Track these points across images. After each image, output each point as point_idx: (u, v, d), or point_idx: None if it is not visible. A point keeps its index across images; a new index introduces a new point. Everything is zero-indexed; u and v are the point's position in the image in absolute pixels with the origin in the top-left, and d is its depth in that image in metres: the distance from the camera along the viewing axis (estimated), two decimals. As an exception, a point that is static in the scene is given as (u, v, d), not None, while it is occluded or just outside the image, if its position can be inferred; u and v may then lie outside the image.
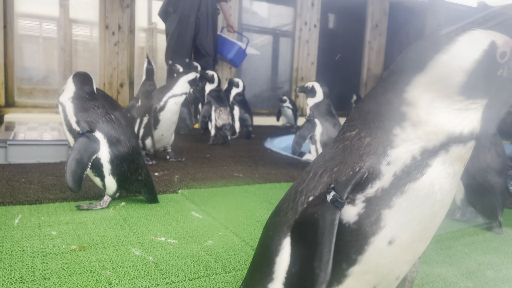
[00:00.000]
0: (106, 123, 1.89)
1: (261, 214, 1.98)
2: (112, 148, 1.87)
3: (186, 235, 1.66)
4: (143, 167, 1.98)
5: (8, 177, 2.37)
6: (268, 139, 4.79)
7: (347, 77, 7.42)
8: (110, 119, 1.92)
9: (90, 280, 1.24)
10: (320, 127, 2.97)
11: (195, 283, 1.27)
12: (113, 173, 1.89)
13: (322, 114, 2.98)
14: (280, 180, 2.70)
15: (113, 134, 1.88)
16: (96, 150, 1.83)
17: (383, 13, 7.53)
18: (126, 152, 1.90)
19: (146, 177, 2.00)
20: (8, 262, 1.33)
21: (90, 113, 1.89)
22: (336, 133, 2.96)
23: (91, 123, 1.86)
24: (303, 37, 6.80)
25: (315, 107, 2.99)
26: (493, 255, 1.63)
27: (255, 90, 6.74)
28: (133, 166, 1.93)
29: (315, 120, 2.96)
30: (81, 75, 1.99)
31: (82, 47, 5.43)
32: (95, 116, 1.89)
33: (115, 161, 1.87)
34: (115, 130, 1.90)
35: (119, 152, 1.88)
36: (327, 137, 2.97)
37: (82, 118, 1.88)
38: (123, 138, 1.91)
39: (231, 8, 6.11)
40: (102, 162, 1.86)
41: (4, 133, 3.14)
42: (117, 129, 1.91)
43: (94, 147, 1.82)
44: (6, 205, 1.92)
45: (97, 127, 1.87)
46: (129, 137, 1.95)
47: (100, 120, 1.88)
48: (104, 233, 1.64)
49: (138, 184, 1.98)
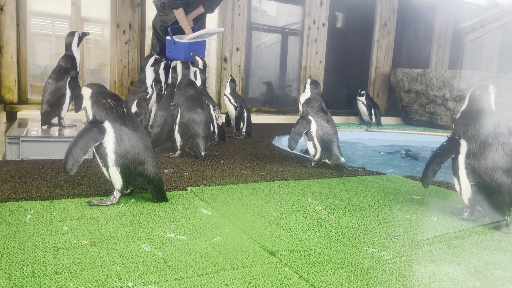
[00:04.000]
0: (116, 115, 1.95)
1: (269, 212, 2.00)
2: (117, 139, 1.92)
3: (195, 232, 1.68)
4: (149, 163, 2.00)
5: (21, 173, 2.41)
6: (276, 137, 4.80)
7: (355, 75, 7.39)
8: (122, 112, 1.97)
9: (100, 275, 1.27)
10: (314, 123, 3.01)
11: (203, 279, 1.29)
12: (117, 164, 1.93)
13: (315, 110, 3.05)
14: (288, 178, 2.71)
15: (120, 126, 1.94)
16: (99, 138, 1.90)
17: (392, 11, 7.48)
18: (130, 144, 1.94)
19: (153, 174, 2.01)
20: (21, 257, 1.37)
21: (102, 104, 1.97)
22: (330, 128, 3.03)
23: (101, 113, 1.94)
24: (311, 35, 6.78)
25: (306, 104, 3.08)
26: (501, 255, 1.63)
27: (263, 88, 6.74)
28: (138, 160, 1.96)
29: (309, 117, 3.01)
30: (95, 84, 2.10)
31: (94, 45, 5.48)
32: (106, 108, 1.95)
33: (119, 151, 1.92)
34: (123, 123, 1.95)
35: (124, 143, 1.93)
36: (322, 133, 3.01)
37: (94, 109, 1.96)
38: (129, 131, 1.95)
39: (240, 7, 6.13)
40: (107, 151, 1.92)
41: (17, 130, 3.19)
42: (126, 122, 1.96)
43: (97, 135, 1.89)
44: (19, 200, 1.96)
45: (106, 118, 1.93)
46: (138, 131, 1.99)
47: (109, 111, 1.95)
48: (114, 228, 1.67)
49: (142, 179, 1.99)
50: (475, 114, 2.01)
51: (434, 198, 2.44)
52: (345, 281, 1.33)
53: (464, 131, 2.00)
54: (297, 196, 2.29)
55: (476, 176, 1.92)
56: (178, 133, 3.11)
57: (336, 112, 7.09)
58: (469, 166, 1.95)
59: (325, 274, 1.36)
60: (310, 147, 3.07)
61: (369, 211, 2.10)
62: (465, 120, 2.02)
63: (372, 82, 7.51)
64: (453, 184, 2.11)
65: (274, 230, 1.75)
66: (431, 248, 1.65)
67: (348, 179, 2.82)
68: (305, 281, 1.31)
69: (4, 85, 4.84)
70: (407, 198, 2.40)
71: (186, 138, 3.10)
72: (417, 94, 6.86)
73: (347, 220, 1.94)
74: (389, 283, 1.33)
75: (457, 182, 2.03)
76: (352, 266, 1.44)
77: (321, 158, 3.10)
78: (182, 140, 3.12)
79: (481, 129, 1.95)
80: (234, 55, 6.16)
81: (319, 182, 2.66)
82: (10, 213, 1.78)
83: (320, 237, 1.71)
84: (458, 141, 2.01)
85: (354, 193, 2.45)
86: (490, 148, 1.91)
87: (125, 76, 5.47)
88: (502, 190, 1.88)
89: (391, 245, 1.65)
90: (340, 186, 2.58)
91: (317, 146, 3.04)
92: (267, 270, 1.37)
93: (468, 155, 1.96)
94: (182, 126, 3.08)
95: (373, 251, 1.59)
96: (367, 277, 1.36)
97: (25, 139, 2.88)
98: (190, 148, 3.13)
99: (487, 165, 1.90)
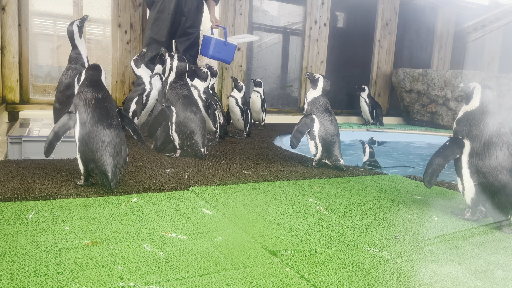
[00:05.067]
0: (86, 107, 2.18)
1: (270, 212, 2.00)
2: (81, 129, 2.15)
3: (196, 231, 1.69)
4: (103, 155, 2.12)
5: (23, 173, 2.42)
6: (278, 137, 4.80)
7: (356, 75, 7.39)
8: (92, 104, 2.19)
9: (102, 275, 1.27)
10: (318, 123, 3.00)
11: (204, 279, 1.29)
12: (79, 150, 2.17)
13: (320, 110, 3.03)
14: (289, 178, 2.71)
15: (85, 117, 2.16)
16: (70, 126, 2.18)
17: (393, 11, 7.48)
18: (87, 134, 2.14)
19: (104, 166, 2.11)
20: (22, 256, 1.37)
21: (79, 96, 2.22)
22: (333, 129, 3.02)
23: (76, 105, 2.20)
24: (313, 35, 6.78)
25: (312, 102, 3.05)
26: (503, 255, 1.62)
27: (265, 88, 6.74)
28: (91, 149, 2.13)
29: (313, 116, 3.00)
30: (92, 66, 2.33)
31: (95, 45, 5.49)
32: (80, 99, 2.20)
33: (81, 140, 2.15)
34: (88, 114, 2.16)
35: (84, 133, 2.15)
36: (325, 133, 3.00)
37: (74, 99, 2.23)
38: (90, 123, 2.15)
39: (242, 7, 6.13)
40: (75, 139, 2.19)
41: (19, 130, 3.19)
42: (91, 114, 2.16)
43: (69, 124, 2.18)
44: (21, 200, 1.96)
45: (77, 109, 2.19)
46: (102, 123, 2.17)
47: (81, 103, 2.19)
48: (116, 228, 1.67)
49: (98, 170, 2.14)
50: (479, 114, 2.00)
51: (436, 198, 2.44)
52: (346, 281, 1.33)
53: (467, 131, 1.99)
54: (299, 196, 2.29)
55: (480, 175, 1.92)
56: (176, 132, 3.13)
57: (337, 112, 7.09)
58: (473, 165, 1.94)
59: (326, 274, 1.36)
60: (312, 146, 3.07)
61: (370, 211, 2.10)
62: (469, 120, 2.01)
63: (373, 82, 7.51)
64: (455, 184, 2.11)
65: (276, 230, 1.76)
66: (432, 248, 1.65)
67: (349, 179, 2.82)
68: (307, 281, 1.31)
69: (6, 85, 4.85)
70: (409, 198, 2.39)
71: (184, 136, 3.12)
72: (418, 94, 6.85)
73: (349, 220, 1.94)
74: (391, 283, 1.33)
75: (460, 182, 2.02)
76: (353, 266, 1.44)
77: (321, 158, 3.09)
78: (180, 139, 3.14)
79: (485, 128, 1.94)
80: (235, 54, 6.16)
81: (321, 182, 2.66)
82: (12, 212, 1.78)
83: (322, 237, 1.71)
84: (462, 141, 1.99)
85: (355, 193, 2.44)
86: (495, 147, 1.91)
87: (126, 76, 5.48)
88: (506, 190, 1.88)
89: (392, 245, 1.65)
90: (342, 186, 2.58)
91: (318, 146, 3.04)
92: (269, 270, 1.37)
93: (471, 155, 1.95)
94: (179, 125, 3.10)
95: (375, 251, 1.58)
96: (369, 277, 1.36)
97: (27, 139, 2.88)
98: (189, 146, 3.14)
99: (491, 164, 1.90)
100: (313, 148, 3.07)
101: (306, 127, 3.00)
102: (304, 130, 3.01)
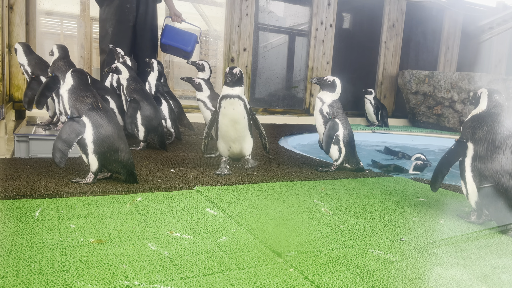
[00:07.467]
0: (93, 110, 2.23)
1: (275, 212, 2.00)
2: (95, 131, 2.20)
3: (201, 231, 1.69)
4: (123, 150, 2.27)
5: (29, 171, 2.44)
6: (283, 137, 4.80)
7: (362, 76, 7.36)
8: (97, 107, 2.25)
9: (107, 273, 1.28)
10: (341, 127, 2.95)
11: (209, 278, 1.29)
12: (95, 152, 2.22)
13: (341, 113, 2.98)
14: (294, 179, 2.71)
15: (97, 119, 2.22)
16: (81, 132, 2.19)
17: (400, 13, 7.45)
18: (106, 135, 2.22)
19: (126, 160, 2.29)
20: (28, 254, 1.38)
21: (80, 101, 2.24)
22: (352, 133, 2.98)
23: (80, 109, 2.22)
24: (318, 36, 6.77)
25: (333, 105, 2.96)
26: (508, 258, 1.61)
27: (270, 89, 6.75)
28: (113, 148, 2.24)
29: (337, 120, 2.95)
30: (78, 71, 2.35)
31: (99, 45, 5.53)
32: (84, 104, 2.23)
33: (97, 142, 2.20)
34: (99, 116, 2.22)
35: (100, 134, 2.21)
36: (348, 137, 2.97)
37: (73, 105, 2.23)
38: (105, 123, 2.23)
39: (248, 7, 6.13)
40: (86, 142, 2.20)
41: (26, 128, 3.22)
42: (102, 115, 2.24)
43: (79, 129, 2.19)
44: (27, 198, 1.98)
45: (84, 112, 2.21)
46: (112, 123, 2.26)
47: (87, 107, 2.22)
48: (121, 227, 1.68)
49: (117, 164, 2.27)
50: (484, 117, 1.99)
51: (441, 200, 2.43)
52: (350, 283, 1.33)
53: (471, 134, 1.98)
54: (303, 197, 2.29)
55: (483, 179, 1.91)
56: (142, 125, 3.30)
57: (343, 114, 7.07)
58: (475, 169, 1.93)
59: (330, 276, 1.36)
60: (335, 151, 2.97)
61: (375, 213, 2.10)
62: (473, 123, 2.00)
63: (379, 83, 7.48)
64: (460, 187, 2.10)
65: (280, 230, 1.76)
66: (437, 251, 1.64)
67: (354, 180, 2.81)
68: (311, 282, 1.31)
69: (13, 83, 4.88)
70: (414, 200, 2.38)
71: (150, 128, 3.33)
72: (424, 96, 6.82)
73: (353, 222, 1.93)
74: (395, 286, 1.32)
75: (464, 185, 2.01)
76: (358, 268, 1.44)
77: (342, 162, 3.03)
78: (145, 131, 3.33)
79: (489, 132, 1.94)
80: (241, 55, 6.17)
81: (325, 183, 2.66)
82: (18, 210, 1.79)
83: (326, 238, 1.70)
84: (466, 144, 1.99)
85: (360, 194, 2.44)
86: (498, 151, 1.90)
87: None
88: (509, 194, 1.87)
89: (397, 248, 1.65)
90: (346, 188, 2.58)
91: (342, 150, 2.97)
92: (273, 271, 1.38)
93: (474, 158, 1.94)
94: (145, 118, 3.30)
95: (379, 253, 1.58)
96: (373, 279, 1.36)
97: (33, 137, 2.91)
98: (153, 138, 3.38)
99: (494, 168, 1.89)
100: (336, 153, 2.98)
101: (334, 131, 2.92)
102: (333, 134, 2.92)
